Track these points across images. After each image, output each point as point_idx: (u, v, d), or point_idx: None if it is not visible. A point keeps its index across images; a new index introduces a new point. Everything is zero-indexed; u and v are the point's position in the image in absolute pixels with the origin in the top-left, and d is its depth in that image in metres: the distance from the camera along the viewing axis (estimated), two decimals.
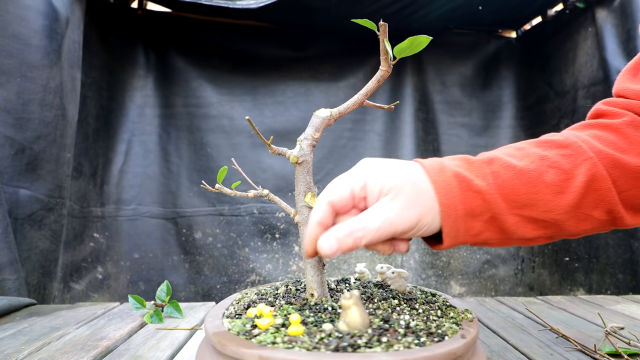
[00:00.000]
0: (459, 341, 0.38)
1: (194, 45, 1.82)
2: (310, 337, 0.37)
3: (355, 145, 1.89)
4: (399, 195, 0.41)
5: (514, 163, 0.46)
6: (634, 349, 0.60)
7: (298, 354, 0.34)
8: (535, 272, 1.89)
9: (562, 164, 0.46)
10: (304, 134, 0.50)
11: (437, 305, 0.49)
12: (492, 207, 0.43)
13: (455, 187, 0.43)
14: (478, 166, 0.45)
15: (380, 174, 0.43)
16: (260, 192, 0.52)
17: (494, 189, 0.44)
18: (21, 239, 1.07)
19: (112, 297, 1.60)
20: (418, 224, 0.42)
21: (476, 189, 0.43)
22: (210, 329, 0.40)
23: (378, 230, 0.40)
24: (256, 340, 0.36)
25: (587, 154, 0.47)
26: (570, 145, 0.48)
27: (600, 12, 1.55)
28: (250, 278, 1.79)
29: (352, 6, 1.58)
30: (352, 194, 0.43)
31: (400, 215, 0.41)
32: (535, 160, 0.46)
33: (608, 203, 0.47)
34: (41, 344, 0.65)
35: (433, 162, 0.45)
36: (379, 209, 0.41)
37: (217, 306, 0.47)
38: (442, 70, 1.97)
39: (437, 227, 0.43)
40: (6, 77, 1.05)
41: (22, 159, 1.08)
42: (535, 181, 0.45)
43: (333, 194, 0.43)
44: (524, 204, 0.45)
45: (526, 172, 0.45)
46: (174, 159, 1.79)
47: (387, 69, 0.46)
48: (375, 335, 0.37)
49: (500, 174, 0.45)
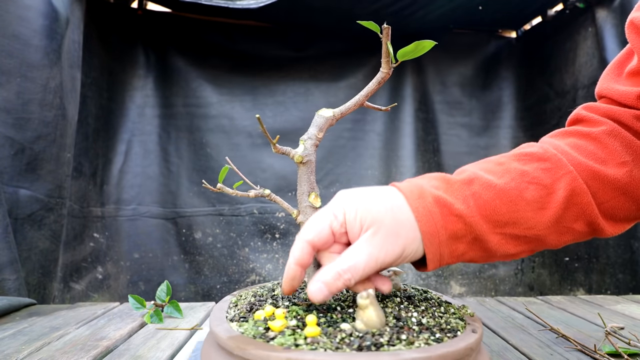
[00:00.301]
0: (473, 335, 0.38)
1: (194, 45, 1.82)
2: (330, 337, 0.36)
3: (355, 145, 1.89)
4: (379, 229, 0.40)
5: (494, 182, 0.45)
6: (634, 349, 0.60)
7: (329, 355, 0.33)
8: (535, 272, 1.89)
9: (542, 179, 0.46)
10: (307, 134, 0.49)
11: (434, 301, 0.49)
12: (474, 229, 0.43)
13: (436, 213, 0.42)
14: (458, 188, 0.45)
15: (358, 208, 0.41)
16: (262, 192, 0.52)
17: (475, 212, 0.43)
18: (21, 239, 1.07)
19: (112, 297, 1.60)
20: (402, 255, 0.41)
21: (457, 212, 0.43)
22: (222, 332, 0.38)
23: (365, 269, 0.40)
24: (277, 343, 0.35)
25: (567, 168, 0.47)
26: (550, 158, 0.48)
27: (600, 12, 1.55)
28: (250, 278, 1.79)
29: (352, 6, 1.58)
30: (332, 231, 0.42)
31: (384, 250, 0.40)
32: (515, 177, 0.46)
33: (588, 216, 0.47)
34: (41, 344, 0.65)
35: (412, 187, 0.44)
36: (362, 247, 0.40)
37: (216, 310, 0.45)
38: (442, 70, 1.97)
39: (422, 253, 0.43)
40: (6, 77, 1.05)
41: (22, 159, 1.08)
42: (516, 199, 0.45)
43: (312, 232, 0.41)
44: (505, 223, 0.45)
45: (507, 190, 0.45)
46: (174, 159, 1.79)
47: (387, 71, 0.46)
48: (394, 333, 0.38)
49: (480, 194, 0.44)
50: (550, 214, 0.45)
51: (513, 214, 0.45)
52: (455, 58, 1.98)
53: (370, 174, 1.89)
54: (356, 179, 1.88)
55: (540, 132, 1.88)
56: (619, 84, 0.53)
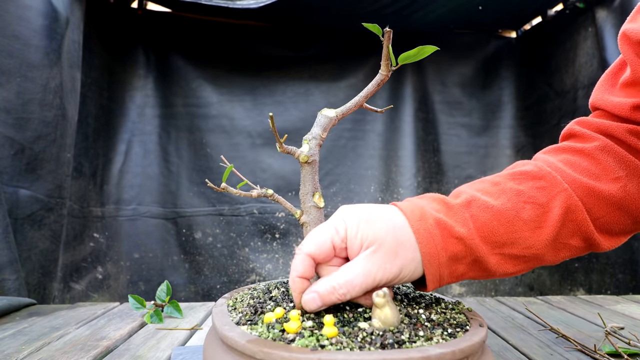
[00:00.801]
0: (482, 329, 0.40)
1: (194, 45, 1.82)
2: (350, 337, 0.36)
3: (355, 145, 1.89)
4: (380, 248, 0.41)
5: (491, 203, 0.46)
6: (634, 349, 0.60)
7: (359, 355, 0.33)
8: (535, 272, 1.89)
9: (538, 197, 0.47)
10: (311, 134, 0.49)
11: (429, 298, 0.49)
12: (474, 251, 0.44)
13: (437, 235, 0.43)
14: (457, 211, 0.45)
15: (359, 225, 0.42)
16: (265, 192, 0.52)
17: (474, 234, 0.44)
18: (21, 239, 1.07)
19: (112, 297, 1.60)
20: (400, 275, 0.42)
21: (457, 235, 0.44)
22: (238, 337, 0.37)
23: (361, 286, 0.40)
24: (300, 344, 0.35)
25: (561, 185, 0.48)
26: (544, 176, 0.49)
27: (600, 12, 1.55)
28: (250, 278, 1.79)
29: (352, 6, 1.58)
30: (333, 245, 0.42)
31: (382, 269, 0.41)
32: (511, 197, 0.47)
33: (584, 232, 0.48)
34: (41, 344, 0.65)
35: (413, 208, 0.45)
36: (360, 263, 0.41)
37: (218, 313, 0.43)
38: (442, 70, 1.97)
39: (420, 274, 0.43)
40: (6, 77, 1.05)
41: (22, 159, 1.08)
42: (513, 219, 0.46)
43: (313, 246, 0.42)
44: (503, 243, 0.45)
45: (504, 211, 0.46)
46: (174, 159, 1.79)
47: (387, 73, 0.46)
48: (412, 330, 0.38)
49: (478, 217, 0.45)
50: (547, 233, 0.46)
51: (511, 235, 0.46)
52: (455, 58, 1.98)
53: (370, 174, 1.89)
54: (356, 179, 1.88)
55: (540, 132, 1.88)
56: (613, 95, 0.54)
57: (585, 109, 1.63)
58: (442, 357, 0.34)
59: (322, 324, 0.39)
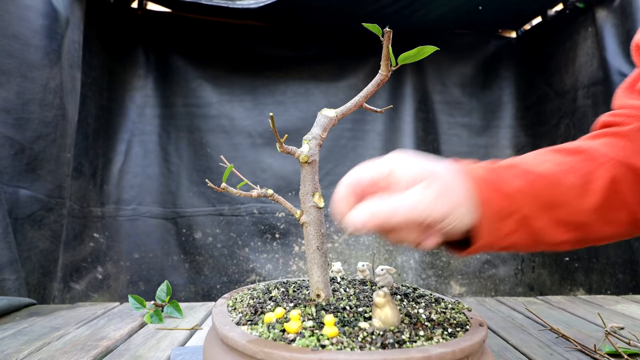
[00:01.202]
0: (482, 329, 0.40)
1: (194, 45, 1.82)
2: (351, 337, 0.36)
3: (355, 145, 1.89)
4: (431, 184, 0.41)
5: (533, 169, 0.47)
6: (634, 349, 0.60)
7: (360, 355, 0.33)
8: (535, 272, 1.89)
9: (580, 168, 0.47)
10: (311, 134, 0.49)
11: (427, 298, 0.49)
12: (522, 207, 0.44)
13: (486, 187, 0.44)
14: (502, 171, 0.46)
15: (412, 164, 0.43)
16: (265, 192, 0.52)
17: (521, 192, 0.45)
18: (21, 239, 1.07)
19: (112, 297, 1.60)
20: (449, 217, 0.41)
21: (505, 191, 0.44)
22: (238, 337, 0.37)
23: (409, 213, 0.40)
24: (301, 344, 0.35)
25: (603, 158, 0.48)
26: (585, 151, 0.49)
27: (600, 12, 1.55)
28: (250, 278, 1.79)
29: (352, 6, 1.58)
30: (374, 179, 0.43)
31: (432, 204, 0.41)
32: (553, 165, 0.47)
33: (629, 205, 0.48)
34: (41, 344, 0.65)
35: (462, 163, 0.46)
36: (411, 194, 0.41)
37: (218, 314, 0.43)
38: (442, 70, 1.97)
39: (466, 224, 0.43)
40: (6, 77, 1.05)
41: (22, 159, 1.08)
42: (557, 184, 0.46)
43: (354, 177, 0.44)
44: (551, 204, 0.45)
45: (546, 176, 0.46)
46: (174, 159, 1.79)
47: (386, 74, 0.46)
48: (412, 330, 0.38)
49: (523, 177, 0.46)
50: (593, 200, 0.46)
51: (556, 197, 0.45)
52: (456, 58, 1.98)
53: None
54: None
55: (540, 132, 1.88)
56: (633, 99, 0.55)
57: (585, 109, 1.63)
58: (443, 356, 0.34)
59: (322, 324, 0.39)
